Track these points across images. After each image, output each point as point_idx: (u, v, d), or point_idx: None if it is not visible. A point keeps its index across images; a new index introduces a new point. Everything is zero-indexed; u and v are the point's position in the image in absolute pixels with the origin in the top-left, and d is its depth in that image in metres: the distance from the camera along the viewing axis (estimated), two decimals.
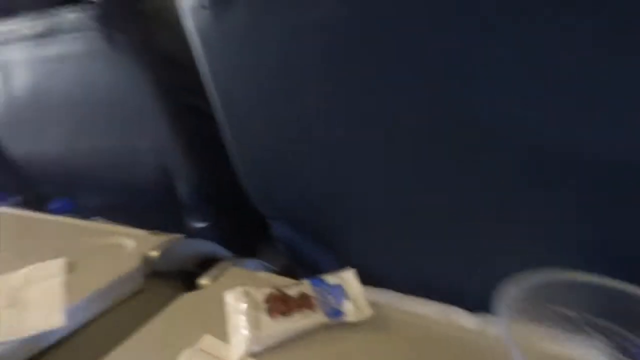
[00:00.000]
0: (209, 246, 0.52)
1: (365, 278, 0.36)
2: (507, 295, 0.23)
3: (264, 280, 0.40)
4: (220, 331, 0.32)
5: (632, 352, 0.22)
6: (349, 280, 0.36)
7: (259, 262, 0.50)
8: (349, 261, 0.43)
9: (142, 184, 0.60)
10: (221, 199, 0.56)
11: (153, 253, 0.46)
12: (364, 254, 0.44)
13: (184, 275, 0.51)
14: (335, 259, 0.47)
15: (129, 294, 0.43)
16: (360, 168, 0.36)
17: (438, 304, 0.34)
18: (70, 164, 0.66)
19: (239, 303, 0.32)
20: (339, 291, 0.35)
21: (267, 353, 0.30)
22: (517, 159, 0.27)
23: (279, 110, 0.37)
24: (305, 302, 0.32)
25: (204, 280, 0.41)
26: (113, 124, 0.54)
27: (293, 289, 0.34)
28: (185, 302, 0.38)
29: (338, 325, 0.32)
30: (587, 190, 0.26)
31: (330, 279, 0.36)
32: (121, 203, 0.69)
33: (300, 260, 0.53)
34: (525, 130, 0.26)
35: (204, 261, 0.51)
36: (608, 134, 0.24)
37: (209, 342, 0.31)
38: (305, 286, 0.35)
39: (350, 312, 0.32)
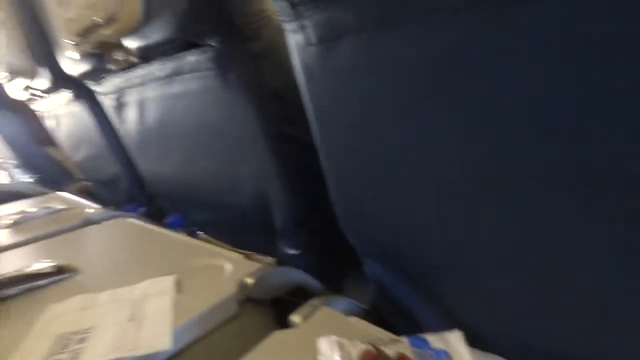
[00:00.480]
0: (300, 275, 0.52)
1: (471, 339, 0.30)
2: None
3: (357, 328, 0.37)
4: None
5: None
6: (455, 345, 0.31)
7: (351, 302, 0.48)
8: (449, 314, 0.37)
9: (242, 207, 0.63)
10: (315, 229, 0.56)
11: (249, 280, 0.47)
12: (468, 309, 0.37)
13: (275, 302, 0.51)
14: (433, 309, 0.42)
15: (224, 320, 0.44)
16: (464, 212, 0.32)
17: None
18: (184, 185, 0.73)
19: (333, 355, 0.30)
20: (444, 358, 0.30)
21: None
22: None
23: (378, 144, 0.35)
24: None
25: (295, 318, 0.40)
26: (220, 152, 0.58)
27: (390, 347, 0.30)
28: (276, 340, 0.38)
29: None
30: None
31: (433, 340, 0.31)
32: (222, 221, 0.74)
33: (392, 303, 0.49)
34: None
35: (295, 289, 0.51)
36: None
37: None
38: (405, 346, 0.31)
39: None
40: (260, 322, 0.48)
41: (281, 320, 0.50)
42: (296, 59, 0.36)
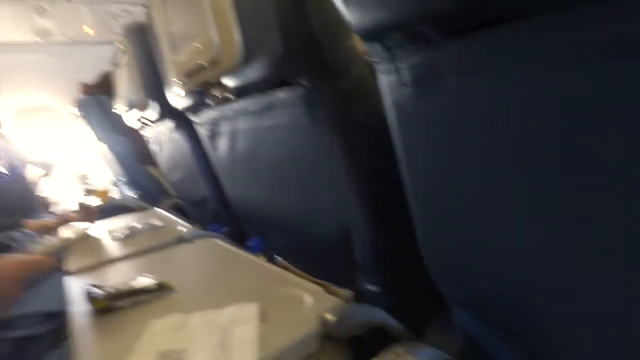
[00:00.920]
0: (381, 316, 0.50)
1: None
2: None
3: None
4: None
5: None
6: None
7: (436, 351, 0.44)
8: None
9: (322, 236, 0.63)
10: (397, 267, 0.53)
11: (329, 317, 0.46)
12: None
13: (353, 339, 0.49)
14: None
15: (304, 356, 0.44)
16: (567, 263, 0.28)
17: None
18: (266, 210, 0.77)
19: None
20: None
21: None
22: None
23: (472, 188, 0.33)
24: None
25: None
26: (304, 181, 0.59)
27: None
28: None
29: None
30: None
31: None
32: (300, 249, 0.75)
33: (481, 355, 0.44)
34: None
35: (374, 328, 0.48)
36: None
37: None
38: None
39: None
40: None
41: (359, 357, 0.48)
42: (388, 99, 0.35)
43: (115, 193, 2.47)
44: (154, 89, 0.91)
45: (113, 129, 2.03)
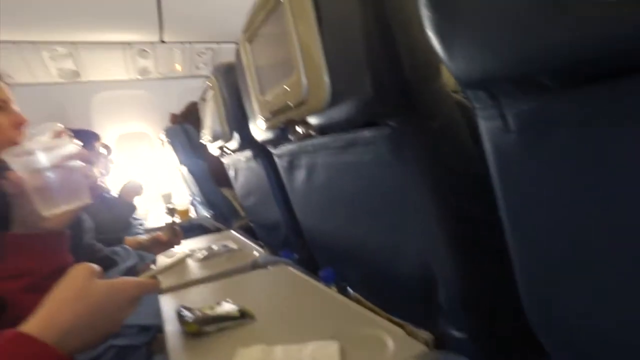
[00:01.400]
0: None
1: None
2: None
3: None
4: None
5: None
6: None
7: None
8: None
9: (400, 273, 0.61)
10: (486, 313, 0.49)
11: None
12: None
13: None
14: None
15: None
16: None
17: None
18: (341, 242, 0.77)
19: None
20: None
21: None
22: None
23: (584, 237, 0.30)
24: None
25: None
26: (384, 218, 0.59)
27: None
28: None
29: None
30: None
31: None
32: (376, 283, 0.73)
33: None
34: None
35: None
36: None
37: None
38: None
39: None
40: None
41: None
42: (488, 144, 0.34)
43: (192, 212, 2.69)
44: (237, 122, 0.98)
45: (194, 153, 2.24)
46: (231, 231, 1.54)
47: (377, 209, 0.59)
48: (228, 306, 0.64)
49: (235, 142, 1.05)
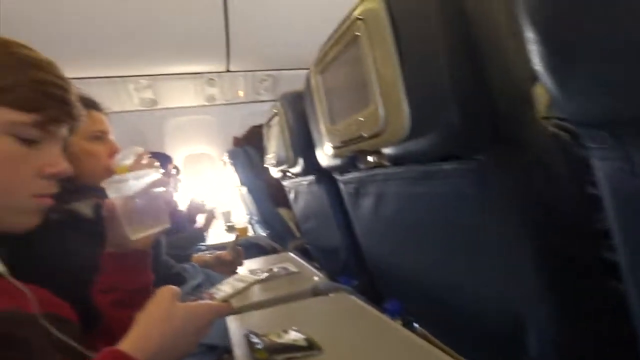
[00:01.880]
0: None
1: None
2: None
3: None
4: None
5: None
6: None
7: None
8: None
9: (482, 315, 0.57)
10: None
11: None
12: None
13: None
14: None
15: None
16: None
17: None
18: (410, 274, 0.74)
19: None
20: None
21: None
22: None
23: None
24: None
25: None
26: (463, 252, 0.55)
27: None
28: None
29: None
30: None
31: None
32: (448, 321, 0.68)
33: None
34: None
35: None
36: None
37: None
38: None
39: None
40: None
41: None
42: (606, 186, 0.30)
43: (249, 230, 2.78)
44: (302, 148, 1.01)
45: (253, 175, 2.34)
46: (289, 253, 1.56)
47: (453, 244, 0.56)
48: (295, 335, 0.64)
49: (299, 167, 1.07)
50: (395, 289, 0.86)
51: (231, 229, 2.67)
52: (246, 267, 1.34)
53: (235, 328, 0.77)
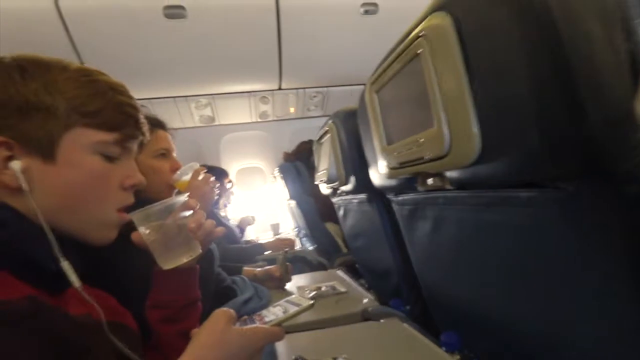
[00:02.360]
0: None
1: None
2: None
3: None
4: None
5: None
6: None
7: None
8: None
9: (562, 354, 0.49)
10: None
11: None
12: None
13: None
14: None
15: None
16: None
17: None
18: (472, 307, 0.67)
19: None
20: None
21: None
22: None
23: None
24: None
25: None
26: (538, 291, 0.49)
27: None
28: None
29: None
30: None
31: None
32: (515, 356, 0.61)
33: None
34: None
35: None
36: None
37: None
38: None
39: None
40: None
41: None
42: None
43: (296, 244, 2.80)
44: (354, 166, 0.99)
45: (302, 189, 2.37)
46: (337, 271, 1.53)
47: (528, 279, 0.49)
48: None
49: (350, 185, 1.05)
50: (453, 320, 0.79)
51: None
52: (294, 283, 1.33)
53: (283, 351, 0.75)
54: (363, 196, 1.07)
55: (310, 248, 2.49)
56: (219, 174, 2.02)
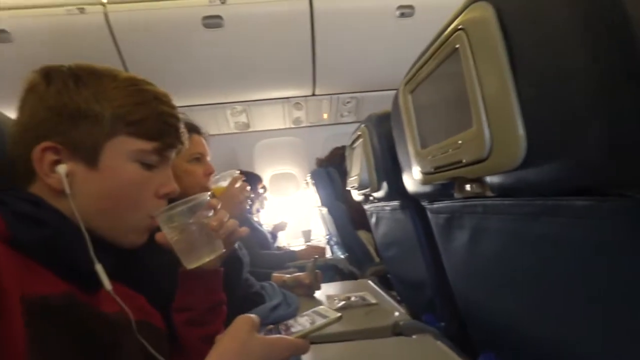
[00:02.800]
0: None
1: None
2: None
3: None
4: None
5: None
6: None
7: None
8: None
9: None
10: None
11: None
12: None
13: None
14: None
15: None
16: None
17: None
18: (514, 326, 0.61)
19: None
20: None
21: None
22: None
23: None
24: None
25: None
26: (597, 313, 0.42)
27: None
28: None
29: None
30: None
31: None
32: None
33: None
34: None
35: None
36: None
37: None
38: None
39: None
40: None
41: None
42: None
43: (327, 251, 2.77)
44: (387, 172, 0.95)
45: (335, 196, 2.34)
46: (368, 281, 1.48)
47: (584, 300, 0.43)
48: None
49: (382, 191, 1.01)
50: (492, 339, 0.72)
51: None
52: (323, 291, 1.30)
53: None
54: (396, 203, 1.02)
55: (341, 256, 2.45)
56: (252, 179, 2.05)
